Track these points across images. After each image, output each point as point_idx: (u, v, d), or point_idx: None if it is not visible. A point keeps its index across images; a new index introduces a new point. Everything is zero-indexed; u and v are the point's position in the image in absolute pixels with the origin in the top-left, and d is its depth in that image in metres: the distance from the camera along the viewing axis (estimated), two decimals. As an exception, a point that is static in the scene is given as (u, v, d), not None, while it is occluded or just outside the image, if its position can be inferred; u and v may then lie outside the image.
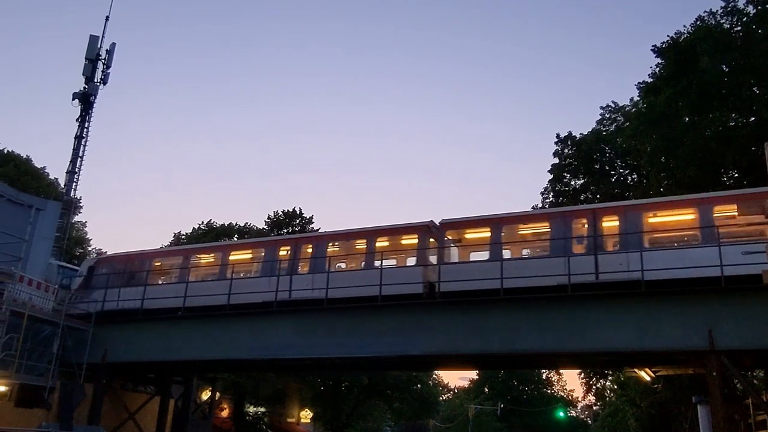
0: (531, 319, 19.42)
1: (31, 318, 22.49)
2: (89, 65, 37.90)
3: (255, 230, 52.08)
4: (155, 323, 25.08)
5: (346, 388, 51.84)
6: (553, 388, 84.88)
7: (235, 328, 23.45)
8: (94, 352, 25.05)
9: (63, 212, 31.79)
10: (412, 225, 22.62)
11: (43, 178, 48.05)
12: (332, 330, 21.97)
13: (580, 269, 18.78)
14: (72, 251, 43.80)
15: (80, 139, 36.99)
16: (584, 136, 40.64)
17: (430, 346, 20.67)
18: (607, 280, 18.42)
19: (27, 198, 27.82)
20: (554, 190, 40.95)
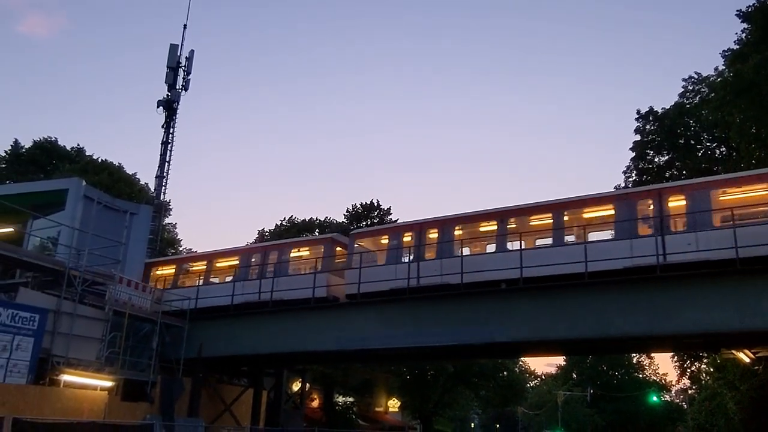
0: (619, 302, 18.89)
1: (131, 317, 23.69)
2: (171, 73, 39.37)
3: (335, 224, 52.85)
4: (246, 318, 25.94)
5: (432, 376, 52.00)
6: (645, 373, 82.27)
7: (321, 321, 23.97)
8: (190, 348, 26.20)
9: (154, 215, 33.25)
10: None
11: (135, 184, 50.27)
12: (416, 319, 22.12)
13: (672, 249, 18.11)
14: (165, 252, 45.77)
15: (166, 145, 38.58)
16: (666, 110, 39.03)
17: (516, 333, 20.51)
18: (698, 260, 17.70)
19: (122, 204, 29.17)
20: (637, 168, 39.61)
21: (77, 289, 21.51)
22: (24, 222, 26.21)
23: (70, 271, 21.33)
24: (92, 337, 22.04)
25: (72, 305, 21.31)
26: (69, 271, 21.24)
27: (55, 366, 20.09)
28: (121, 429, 18.79)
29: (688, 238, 18.01)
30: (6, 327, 18.14)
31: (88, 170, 44.72)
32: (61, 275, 21.19)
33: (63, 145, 52.20)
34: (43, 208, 25.56)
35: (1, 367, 17.94)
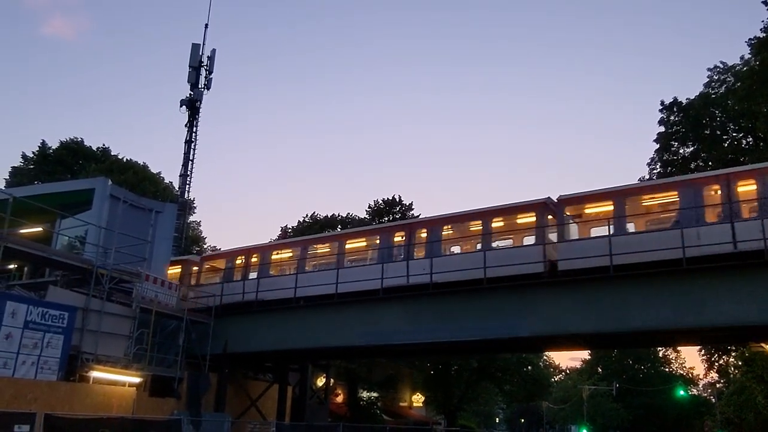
0: (645, 295, 18.72)
1: (158, 314, 24.02)
2: (193, 72, 39.71)
3: (356, 220, 53.00)
4: (270, 314, 26.17)
5: (456, 371, 52.01)
6: (672, 366, 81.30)
7: (346, 316, 24.09)
8: (216, 344, 26.50)
9: (179, 213, 33.63)
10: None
11: (160, 183, 50.83)
12: (440, 314, 22.14)
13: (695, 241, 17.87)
14: (189, 249, 46.24)
15: (190, 144, 38.96)
16: (691, 101, 38.45)
17: (539, 327, 20.47)
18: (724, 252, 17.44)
19: (147, 202, 29.52)
20: (662, 159, 39.09)
21: (105, 287, 21.85)
22: (52, 221, 26.61)
23: (98, 269, 21.67)
24: (120, 334, 22.39)
25: (100, 303, 21.67)
26: (96, 270, 21.59)
27: (85, 363, 20.44)
28: (150, 424, 19.12)
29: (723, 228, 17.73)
30: (37, 325, 18.51)
31: (114, 170, 45.31)
32: (89, 273, 21.54)
33: (89, 146, 52.90)
34: (70, 207, 25.93)
35: (33, 364, 18.31)
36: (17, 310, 18.08)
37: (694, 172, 34.85)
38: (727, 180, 18.24)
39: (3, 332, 17.58)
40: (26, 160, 51.74)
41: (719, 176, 18.94)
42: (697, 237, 17.85)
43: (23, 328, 18.14)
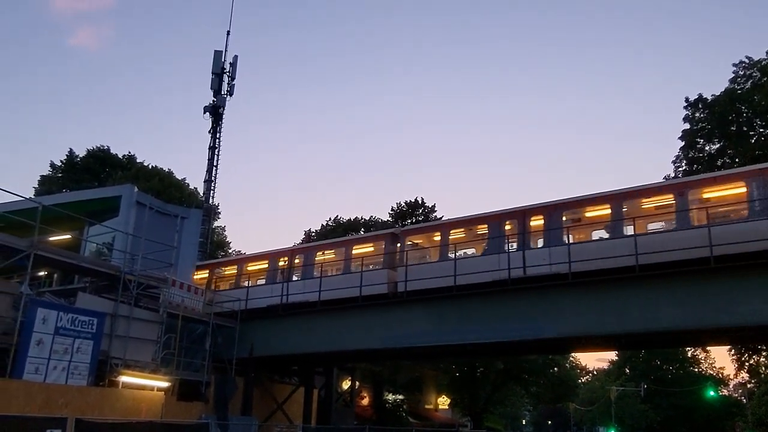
0: (672, 294, 18.53)
1: (184, 318, 24.26)
2: (216, 79, 39.97)
3: (379, 223, 53.04)
4: (295, 318, 26.31)
5: (482, 373, 51.76)
6: (701, 367, 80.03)
7: (370, 319, 24.16)
8: (242, 348, 26.72)
9: (204, 219, 33.92)
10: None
11: (185, 189, 51.40)
12: (464, 316, 22.11)
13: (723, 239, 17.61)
14: (215, 254, 46.67)
15: (213, 150, 39.25)
16: (716, 97, 37.86)
17: (565, 328, 20.34)
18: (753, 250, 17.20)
19: (173, 208, 29.90)
20: (687, 157, 38.59)
21: (132, 292, 22.15)
22: (80, 229, 27.06)
23: (126, 275, 21.96)
24: (148, 339, 22.65)
25: (128, 308, 21.96)
26: (124, 276, 21.88)
27: (114, 367, 20.72)
28: (178, 428, 19.27)
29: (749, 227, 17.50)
30: (67, 331, 18.81)
31: (140, 177, 45.95)
32: (116, 279, 21.85)
33: (115, 153, 53.70)
34: (98, 214, 26.38)
35: (63, 369, 18.60)
36: (48, 316, 18.37)
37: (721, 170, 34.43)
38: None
39: (34, 338, 17.86)
40: (54, 168, 52.72)
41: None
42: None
43: (54, 334, 18.41)
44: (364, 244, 27.09)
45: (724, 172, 20.61)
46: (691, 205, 19.10)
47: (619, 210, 20.24)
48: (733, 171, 20.47)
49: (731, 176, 19.45)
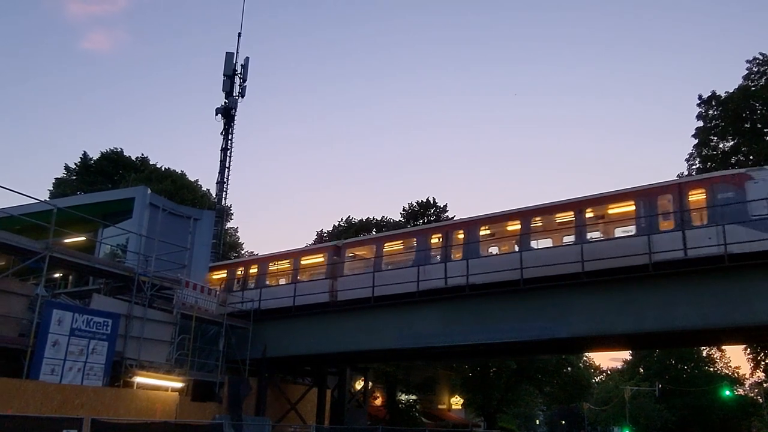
0: (687, 293, 18.43)
1: (198, 319, 24.40)
2: (227, 81, 40.15)
3: (391, 223, 53.01)
4: (308, 318, 26.37)
5: (495, 373, 51.63)
6: (716, 366, 79.46)
7: (382, 319, 24.18)
8: (255, 349, 26.81)
9: (217, 220, 34.08)
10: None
11: (197, 190, 51.51)
12: (478, 316, 22.07)
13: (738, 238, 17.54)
14: (228, 255, 46.81)
15: (225, 151, 39.42)
16: (730, 94, 37.60)
17: (578, 328, 20.25)
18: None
19: (186, 210, 30.09)
20: (701, 155, 38.33)
21: (146, 293, 22.30)
22: (95, 231, 27.29)
23: (140, 276, 22.11)
24: (162, 340, 22.79)
25: (142, 309, 22.11)
26: (138, 277, 22.03)
27: (129, 368, 20.88)
28: (193, 428, 19.38)
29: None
30: (82, 332, 18.99)
31: (153, 179, 46.14)
32: (131, 281, 22.00)
33: (128, 155, 53.93)
34: (112, 216, 26.59)
35: (79, 370, 18.78)
36: (63, 317, 18.57)
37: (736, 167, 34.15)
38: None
39: (50, 339, 18.06)
40: (69, 171, 53.07)
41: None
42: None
43: (69, 335, 18.61)
44: (312, 255, 29.08)
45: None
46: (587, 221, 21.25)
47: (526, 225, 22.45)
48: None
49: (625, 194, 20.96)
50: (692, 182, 20.44)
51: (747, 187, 18.64)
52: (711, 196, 19.10)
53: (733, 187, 18.86)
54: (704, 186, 19.49)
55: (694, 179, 21.03)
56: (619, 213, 21.31)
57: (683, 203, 19.41)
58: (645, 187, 20.50)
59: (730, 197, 18.67)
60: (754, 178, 18.76)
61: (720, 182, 19.26)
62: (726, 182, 19.13)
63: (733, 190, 18.79)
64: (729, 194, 18.82)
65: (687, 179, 21.28)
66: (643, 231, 19.67)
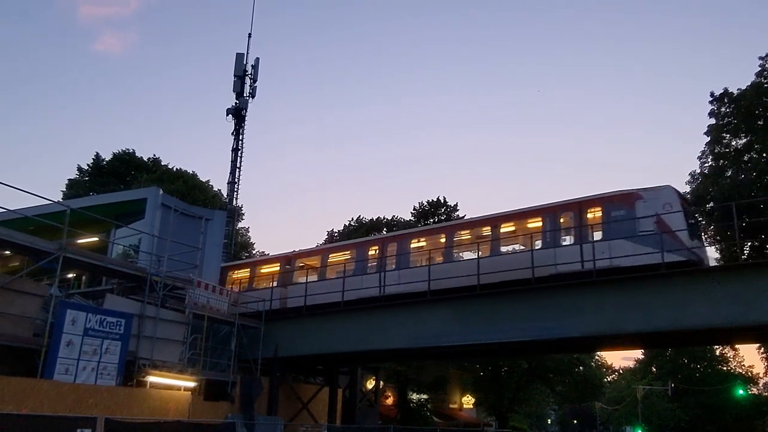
0: (699, 292, 18.29)
1: (210, 319, 24.52)
2: (238, 81, 40.34)
3: (402, 222, 53.03)
4: (319, 318, 26.44)
5: (506, 372, 51.54)
6: (730, 365, 78.86)
7: (394, 319, 24.17)
8: (267, 348, 26.89)
9: (228, 220, 34.25)
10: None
11: (209, 190, 51.75)
12: (489, 315, 22.04)
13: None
14: (239, 255, 46.97)
15: (236, 152, 39.61)
16: (743, 91, 37.26)
17: (590, 327, 20.18)
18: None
19: (197, 210, 30.21)
20: (713, 153, 38.05)
21: (159, 293, 22.41)
22: (107, 231, 27.45)
23: (152, 276, 22.24)
24: (174, 340, 22.91)
25: (155, 309, 22.23)
26: (151, 277, 22.16)
27: (142, 368, 21.00)
28: (205, 428, 19.46)
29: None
30: (96, 332, 19.13)
31: (164, 179, 46.40)
32: (143, 281, 22.14)
33: (140, 156, 54.25)
34: (124, 217, 26.74)
35: (93, 370, 18.91)
36: (77, 317, 18.70)
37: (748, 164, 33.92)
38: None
39: (64, 339, 18.20)
40: (81, 172, 53.42)
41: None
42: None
43: (83, 335, 18.74)
44: (271, 264, 31.20)
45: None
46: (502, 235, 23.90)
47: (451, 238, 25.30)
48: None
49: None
50: (590, 200, 22.14)
51: (637, 206, 20.63)
52: (606, 213, 21.17)
53: (625, 206, 20.91)
54: (600, 204, 21.57)
55: (592, 198, 22.43)
56: (532, 228, 23.56)
57: (582, 220, 21.60)
58: (550, 204, 23.13)
59: (622, 215, 20.69)
60: (643, 197, 20.76)
61: (613, 201, 21.30)
62: (619, 201, 21.18)
63: (625, 209, 20.86)
64: (621, 212, 20.84)
65: (586, 198, 22.64)
66: (548, 245, 22.00)
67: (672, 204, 20.22)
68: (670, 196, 20.63)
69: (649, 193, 20.85)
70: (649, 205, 20.43)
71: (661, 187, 21.12)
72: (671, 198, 20.56)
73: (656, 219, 19.91)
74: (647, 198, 20.66)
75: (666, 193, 20.75)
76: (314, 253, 30.87)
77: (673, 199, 20.50)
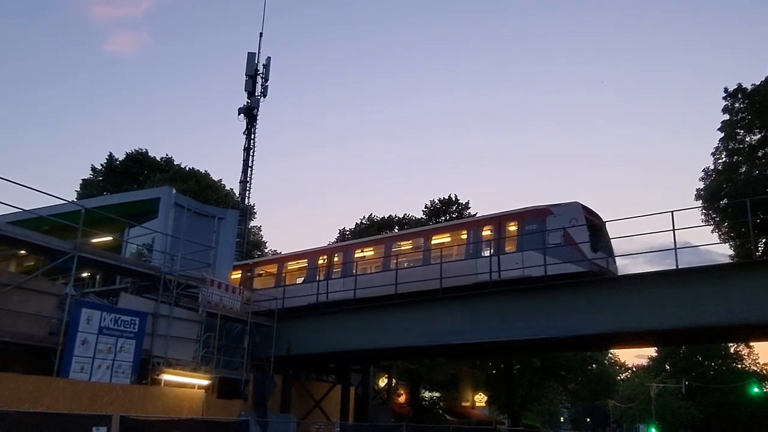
0: (714, 289, 18.17)
1: (223, 317, 24.62)
2: (249, 81, 40.41)
3: (413, 220, 53.06)
4: (331, 316, 26.54)
5: (519, 370, 51.45)
6: (744, 363, 78.32)
7: (406, 317, 24.19)
8: (279, 346, 27.00)
9: (240, 219, 34.34)
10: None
11: (221, 190, 52.05)
12: (501, 313, 22.03)
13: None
14: (251, 254, 47.15)
15: (248, 151, 39.72)
16: (756, 86, 37.01)
17: (602, 325, 20.09)
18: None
19: (210, 209, 30.29)
20: (727, 149, 37.83)
21: (172, 292, 22.53)
22: (121, 231, 27.62)
23: (166, 275, 22.35)
24: (188, 338, 23.04)
25: (168, 308, 22.36)
26: (164, 276, 22.28)
27: (156, 366, 21.11)
28: (219, 425, 19.60)
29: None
30: (110, 330, 19.28)
31: (177, 179, 46.67)
32: (157, 280, 22.26)
33: (153, 156, 54.56)
34: (137, 216, 26.87)
35: (108, 368, 19.06)
36: (92, 316, 18.85)
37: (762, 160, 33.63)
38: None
39: (79, 338, 18.35)
40: (95, 172, 53.81)
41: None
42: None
43: (98, 334, 18.89)
44: (236, 271, 32.23)
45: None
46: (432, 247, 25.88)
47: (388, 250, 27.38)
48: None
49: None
50: (509, 215, 24.29)
51: (547, 221, 22.51)
52: (521, 227, 23.19)
53: (538, 220, 22.84)
54: (517, 219, 23.63)
55: (510, 213, 24.52)
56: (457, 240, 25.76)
57: (501, 233, 23.71)
58: (474, 219, 26.86)
59: (534, 228, 22.68)
60: (553, 212, 22.71)
61: (528, 216, 23.31)
62: (532, 216, 23.18)
63: (537, 223, 22.80)
64: (534, 226, 22.82)
65: (505, 213, 24.71)
66: (470, 255, 24.16)
67: (577, 218, 22.01)
68: (576, 212, 22.37)
69: (559, 208, 22.79)
70: (558, 219, 22.32)
71: (569, 203, 23.00)
72: (577, 213, 22.30)
73: (563, 233, 21.86)
74: (556, 213, 22.58)
75: (572, 208, 22.56)
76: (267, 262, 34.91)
77: (579, 215, 22.23)
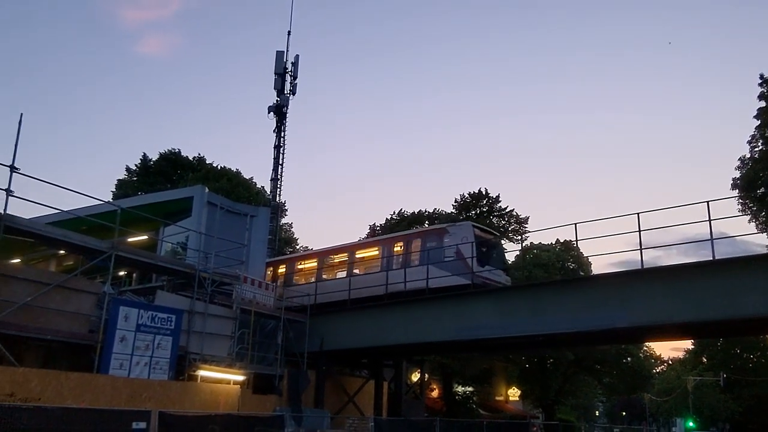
0: (754, 279, 17.81)
1: (257, 314, 24.91)
2: (278, 79, 40.64)
3: (444, 215, 52.92)
4: (363, 311, 26.70)
5: (552, 364, 51.06)
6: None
7: (438, 311, 24.21)
8: (312, 342, 27.24)
9: (272, 216, 34.64)
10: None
11: (252, 187, 52.52)
12: (533, 307, 21.91)
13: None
14: (283, 251, 47.55)
15: (278, 149, 40.00)
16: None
17: (638, 318, 19.85)
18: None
19: (242, 207, 30.68)
20: (764, 137, 37.03)
21: (207, 289, 22.83)
22: (156, 229, 28.10)
23: (200, 273, 22.66)
24: (223, 335, 23.34)
25: (203, 305, 22.65)
26: (199, 274, 22.59)
27: (192, 362, 21.44)
28: (255, 420, 19.84)
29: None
30: (148, 327, 19.66)
31: (209, 177, 47.26)
32: (192, 277, 22.59)
33: (186, 156, 55.24)
34: (172, 215, 27.33)
35: (146, 364, 19.43)
36: (129, 314, 19.23)
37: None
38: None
39: (118, 335, 18.72)
40: (130, 172, 54.75)
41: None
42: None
43: (135, 331, 19.25)
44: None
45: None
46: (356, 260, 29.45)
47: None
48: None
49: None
50: (415, 234, 28.79)
51: (444, 239, 25.87)
52: (424, 244, 26.48)
53: (437, 238, 26.26)
54: (421, 237, 27.37)
55: (416, 232, 29.50)
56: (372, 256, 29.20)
57: (408, 249, 27.08)
58: (387, 237, 31.02)
59: (434, 245, 25.93)
60: (449, 232, 26.26)
61: (430, 234, 27.15)
62: (434, 234, 26.96)
63: (437, 241, 26.12)
64: (434, 243, 26.07)
65: (412, 232, 29.91)
66: (383, 268, 27.32)
67: (468, 237, 25.08)
68: (467, 231, 25.68)
69: (454, 228, 26.58)
70: (453, 238, 25.62)
71: (462, 224, 27.62)
72: (468, 232, 25.55)
73: (456, 249, 24.88)
74: (452, 232, 26.05)
75: (464, 228, 26.15)
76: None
77: (469, 233, 25.37)
